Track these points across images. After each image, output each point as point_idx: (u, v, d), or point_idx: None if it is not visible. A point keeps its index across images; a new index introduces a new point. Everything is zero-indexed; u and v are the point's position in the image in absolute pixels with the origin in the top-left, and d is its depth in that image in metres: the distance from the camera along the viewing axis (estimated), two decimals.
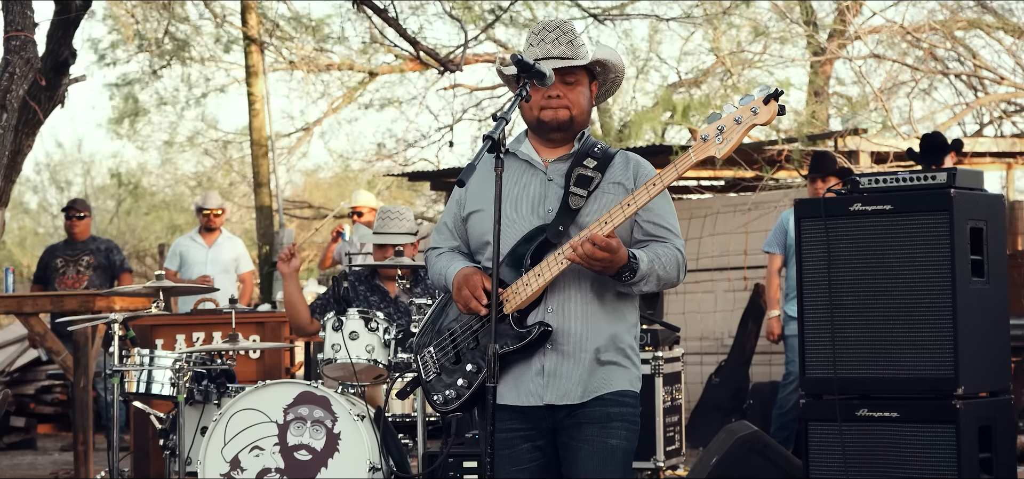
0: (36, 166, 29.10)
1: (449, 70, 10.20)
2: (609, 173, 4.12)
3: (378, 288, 7.22)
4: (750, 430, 6.75)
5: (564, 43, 4.11)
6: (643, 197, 3.94)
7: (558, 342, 4.05)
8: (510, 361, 4.06)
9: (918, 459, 5.61)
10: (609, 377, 4.10)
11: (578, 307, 4.06)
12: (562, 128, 4.13)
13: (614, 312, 4.11)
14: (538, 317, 4.05)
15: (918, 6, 20.48)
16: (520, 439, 4.09)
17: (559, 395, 4.06)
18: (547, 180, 4.13)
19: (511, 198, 4.10)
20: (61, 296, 8.58)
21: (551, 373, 4.06)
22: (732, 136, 3.83)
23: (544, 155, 4.17)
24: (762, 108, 3.79)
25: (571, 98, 4.12)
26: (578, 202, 4.06)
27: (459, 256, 4.25)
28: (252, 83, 16.46)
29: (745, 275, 11.23)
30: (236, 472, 6.29)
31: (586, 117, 4.18)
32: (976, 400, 5.68)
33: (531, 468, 4.10)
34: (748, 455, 6.60)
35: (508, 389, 4.08)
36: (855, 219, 5.80)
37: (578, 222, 4.05)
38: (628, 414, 4.12)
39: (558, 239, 4.03)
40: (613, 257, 3.92)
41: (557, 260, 4.00)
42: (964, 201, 5.68)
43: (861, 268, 5.78)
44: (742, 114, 3.82)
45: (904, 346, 5.69)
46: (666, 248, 4.10)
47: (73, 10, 8.15)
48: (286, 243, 14.88)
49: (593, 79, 4.20)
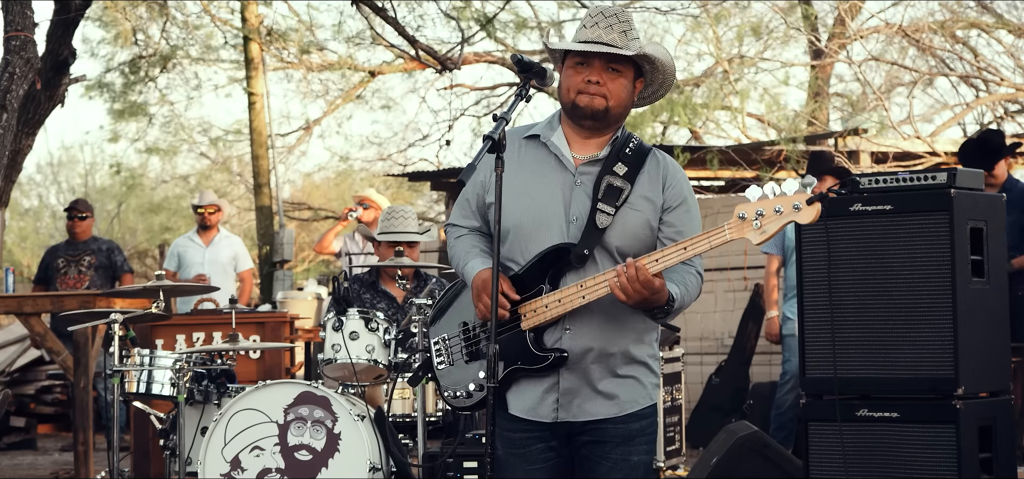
0: (37, 166, 29.13)
1: (447, 69, 10.20)
2: (638, 185, 3.96)
3: (384, 293, 7.23)
4: (750, 430, 6.75)
5: (617, 31, 3.92)
6: (702, 245, 3.78)
7: (573, 362, 3.94)
8: (520, 375, 3.98)
9: (918, 459, 5.61)
10: (627, 393, 3.99)
11: (596, 327, 3.94)
12: (596, 117, 3.94)
13: (632, 330, 3.99)
14: (555, 337, 3.94)
15: (918, 6, 20.49)
16: (534, 440, 4.00)
17: (574, 413, 3.97)
18: (575, 183, 3.97)
19: (536, 192, 3.97)
20: (61, 296, 8.57)
21: (566, 391, 3.96)
22: (770, 227, 3.67)
23: (575, 149, 4.00)
24: (805, 208, 3.63)
25: (611, 88, 3.93)
26: (605, 220, 3.91)
27: (479, 247, 4.11)
28: (252, 83, 16.47)
29: (745, 275, 11.23)
30: (236, 472, 6.29)
31: (623, 111, 3.99)
32: (976, 400, 5.68)
33: (545, 468, 4.01)
34: (748, 455, 6.60)
35: (520, 401, 4.00)
36: (855, 219, 5.79)
37: (604, 244, 3.91)
38: (648, 427, 4.03)
39: (581, 263, 3.90)
40: (654, 296, 3.80)
41: (585, 289, 3.86)
42: (964, 201, 5.68)
43: (861, 268, 5.77)
44: (784, 206, 3.66)
45: (904, 346, 5.68)
46: (690, 275, 3.97)
47: (72, 10, 8.16)
48: (287, 243, 14.91)
49: (640, 75, 4.01)
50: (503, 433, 4.04)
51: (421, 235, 7.33)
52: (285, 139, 18.82)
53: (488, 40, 16.20)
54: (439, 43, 13.31)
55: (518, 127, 4.13)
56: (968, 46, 14.68)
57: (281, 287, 13.81)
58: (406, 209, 7.56)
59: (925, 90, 15.24)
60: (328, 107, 18.63)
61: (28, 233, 28.38)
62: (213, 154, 21.52)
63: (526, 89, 3.95)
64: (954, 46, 14.23)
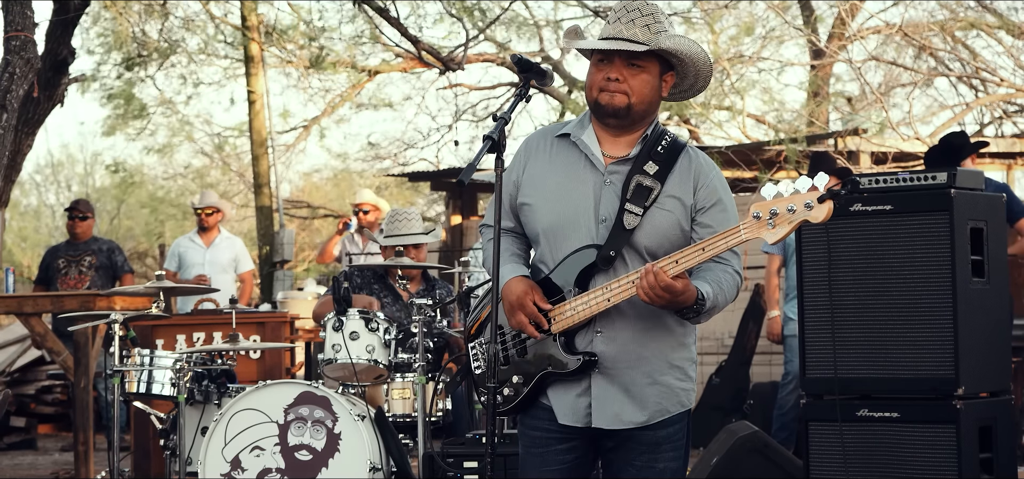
0: (36, 166, 29.12)
1: (450, 69, 10.20)
2: (669, 183, 3.87)
3: (391, 288, 7.24)
4: (750, 430, 6.75)
5: (639, 25, 3.81)
6: (721, 245, 3.71)
7: (605, 366, 3.88)
8: (552, 379, 3.93)
9: (918, 459, 5.61)
10: (658, 400, 3.91)
11: (628, 331, 3.87)
12: (618, 115, 3.85)
13: (666, 332, 3.91)
14: (586, 340, 3.88)
15: (918, 6, 20.50)
16: (556, 440, 3.95)
17: (607, 419, 3.89)
18: (605, 183, 3.88)
19: (567, 193, 3.90)
20: (61, 296, 8.57)
21: (598, 397, 3.90)
22: (783, 226, 3.64)
23: (606, 147, 3.91)
24: (817, 206, 3.60)
25: (632, 84, 3.83)
26: (632, 221, 3.82)
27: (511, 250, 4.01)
28: (252, 82, 16.47)
29: (745, 275, 11.23)
30: (237, 472, 6.29)
31: (648, 108, 3.88)
32: (976, 400, 5.67)
33: (561, 469, 3.95)
34: (748, 455, 6.59)
35: (555, 404, 3.93)
36: (855, 219, 5.79)
37: (632, 244, 3.83)
38: (676, 434, 3.95)
39: (608, 266, 3.83)
40: (678, 298, 3.72)
41: (610, 291, 3.80)
42: (964, 201, 5.68)
43: (861, 268, 5.77)
44: (796, 205, 3.63)
45: (904, 346, 5.68)
46: (726, 273, 3.88)
47: (72, 10, 8.16)
48: (287, 243, 14.92)
49: (668, 70, 3.89)
50: (525, 431, 4.01)
51: (426, 236, 7.33)
52: (284, 137, 18.83)
53: (487, 41, 16.24)
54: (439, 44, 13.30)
55: (550, 125, 4.07)
56: (967, 46, 14.69)
57: (281, 287, 13.82)
58: (410, 211, 7.58)
59: (925, 90, 15.25)
60: (327, 107, 18.63)
61: (28, 233, 28.38)
62: (212, 151, 21.52)
63: (526, 89, 3.91)
64: (953, 46, 14.23)
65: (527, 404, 3.97)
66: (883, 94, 13.80)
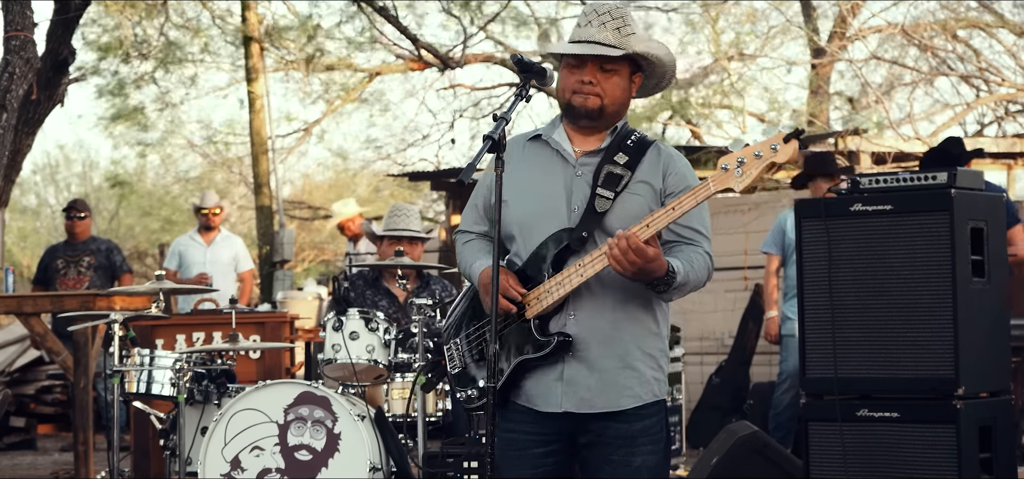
0: (34, 166, 29.12)
1: (449, 67, 10.21)
2: (639, 170, 3.97)
3: (386, 291, 7.23)
4: (750, 430, 6.75)
5: (610, 29, 3.93)
6: (689, 202, 3.79)
7: (579, 349, 3.93)
8: (530, 366, 3.97)
9: (918, 459, 5.61)
10: (631, 387, 3.96)
11: (601, 314, 3.94)
12: (591, 116, 3.97)
13: (639, 318, 3.98)
14: (560, 323, 3.94)
15: (919, 6, 20.48)
16: (534, 443, 3.99)
17: (577, 403, 3.94)
18: (576, 175, 3.98)
19: (539, 188, 4.00)
20: (61, 296, 8.57)
21: (570, 381, 3.94)
22: (751, 171, 3.74)
23: (576, 144, 4.02)
24: (782, 146, 3.71)
25: (605, 87, 3.95)
26: (604, 205, 3.92)
27: (486, 250, 4.13)
28: (252, 83, 16.47)
29: (745, 275, 11.22)
30: (236, 472, 6.29)
31: (619, 108, 4.01)
32: (976, 400, 5.67)
33: (541, 472, 3.99)
34: (748, 455, 6.59)
35: (528, 391, 3.99)
36: (855, 219, 5.79)
37: (603, 226, 3.92)
38: (652, 427, 3.99)
39: (580, 246, 3.90)
40: (650, 265, 3.78)
41: (583, 267, 3.87)
42: (964, 201, 5.68)
43: (861, 268, 5.77)
44: (762, 150, 3.74)
45: (904, 346, 5.68)
46: (697, 254, 3.96)
47: (72, 10, 8.16)
48: (287, 243, 14.91)
49: (637, 71, 4.02)
50: (502, 433, 4.03)
51: (425, 234, 7.33)
52: (284, 141, 18.83)
53: (487, 40, 16.22)
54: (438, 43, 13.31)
55: (522, 133, 4.14)
56: (969, 46, 14.68)
57: (281, 287, 13.82)
58: (410, 207, 7.58)
59: (926, 90, 15.24)
60: (328, 108, 18.63)
61: (28, 233, 28.39)
62: (211, 152, 21.51)
63: (526, 89, 3.95)
64: (955, 46, 14.22)
65: (504, 397, 4.00)
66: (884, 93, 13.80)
